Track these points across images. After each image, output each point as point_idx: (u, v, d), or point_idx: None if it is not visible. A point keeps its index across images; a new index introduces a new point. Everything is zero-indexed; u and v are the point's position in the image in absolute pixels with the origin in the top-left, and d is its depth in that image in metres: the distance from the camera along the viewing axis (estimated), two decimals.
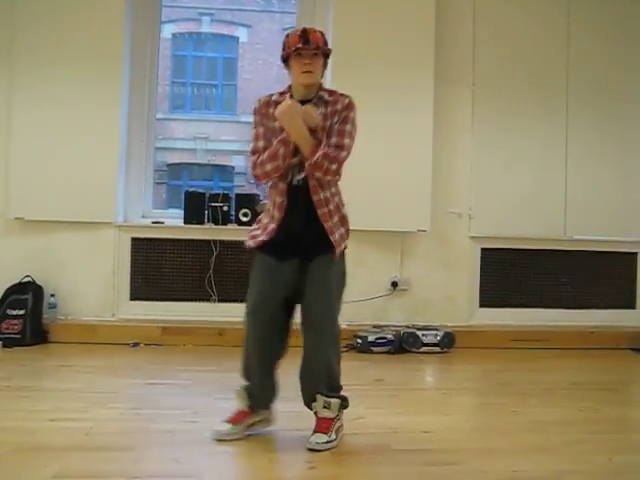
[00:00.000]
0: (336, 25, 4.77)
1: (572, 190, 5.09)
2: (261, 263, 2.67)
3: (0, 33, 4.59)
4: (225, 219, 4.79)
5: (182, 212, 4.84)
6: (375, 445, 2.62)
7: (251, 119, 2.68)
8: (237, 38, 13.46)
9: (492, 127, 5.03)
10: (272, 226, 2.63)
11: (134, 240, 4.76)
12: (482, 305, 5.05)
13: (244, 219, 4.76)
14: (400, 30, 4.77)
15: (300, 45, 2.54)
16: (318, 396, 2.62)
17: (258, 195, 5.01)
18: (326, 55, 2.63)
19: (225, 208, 4.78)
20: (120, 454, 2.43)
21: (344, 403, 2.68)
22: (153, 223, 4.83)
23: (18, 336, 4.38)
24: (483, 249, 5.05)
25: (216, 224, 4.76)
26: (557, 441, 2.71)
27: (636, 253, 5.24)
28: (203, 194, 4.86)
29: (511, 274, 5.08)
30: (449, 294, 4.99)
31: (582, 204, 5.09)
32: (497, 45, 5.02)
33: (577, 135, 5.10)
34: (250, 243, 2.69)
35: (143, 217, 4.94)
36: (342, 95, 2.64)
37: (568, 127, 5.09)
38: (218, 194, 4.84)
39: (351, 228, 2.71)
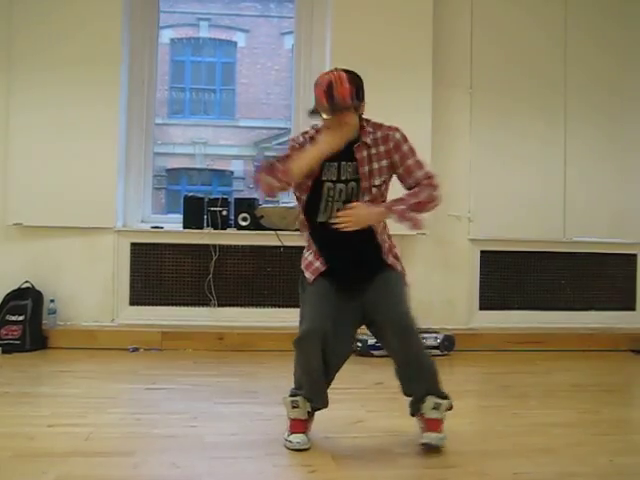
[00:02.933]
0: (334, 29, 4.78)
1: (571, 192, 5.09)
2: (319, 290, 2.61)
3: None
4: (224, 224, 4.78)
5: (181, 217, 4.84)
6: (375, 448, 2.61)
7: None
8: (235, 43, 13.47)
9: (491, 129, 5.03)
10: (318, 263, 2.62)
11: (133, 245, 4.76)
12: (482, 308, 5.05)
13: (243, 223, 4.76)
14: (398, 34, 4.78)
15: (326, 104, 2.43)
16: (428, 397, 2.59)
17: (257, 199, 5.01)
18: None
19: (224, 212, 4.78)
20: (120, 459, 2.42)
21: (450, 404, 2.64)
22: (152, 228, 4.84)
23: (18, 342, 4.37)
24: (482, 252, 5.05)
25: (215, 229, 4.76)
26: (558, 443, 2.70)
27: (635, 255, 5.24)
28: (202, 199, 4.86)
29: (511, 276, 5.07)
30: (449, 297, 4.99)
31: (581, 206, 5.09)
32: (495, 47, 5.03)
33: (576, 137, 5.10)
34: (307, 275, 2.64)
35: (142, 222, 4.94)
36: (389, 128, 2.59)
37: (567, 129, 5.10)
38: (217, 199, 4.84)
39: None
